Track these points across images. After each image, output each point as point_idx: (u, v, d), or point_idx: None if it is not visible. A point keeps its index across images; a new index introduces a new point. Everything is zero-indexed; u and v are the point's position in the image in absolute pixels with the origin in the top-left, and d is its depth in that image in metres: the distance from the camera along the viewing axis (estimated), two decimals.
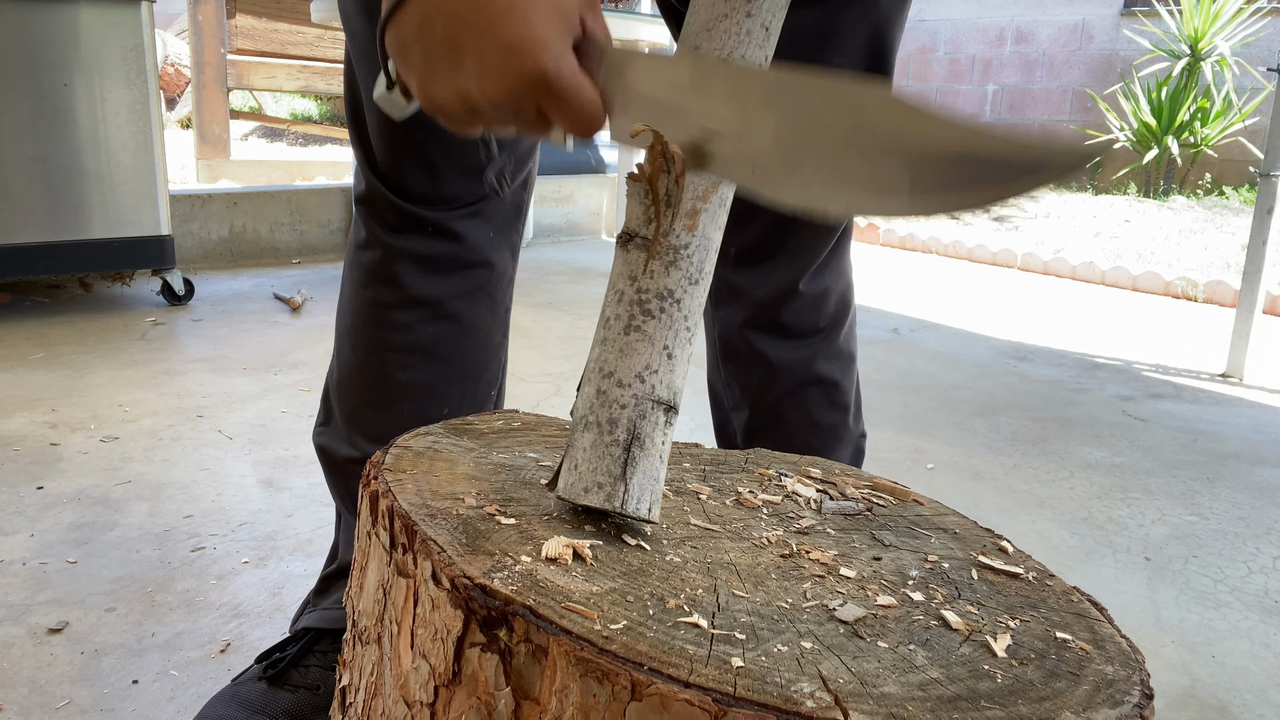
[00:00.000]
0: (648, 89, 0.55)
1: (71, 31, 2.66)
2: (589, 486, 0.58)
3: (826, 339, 1.08)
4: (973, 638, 0.52)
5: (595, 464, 0.58)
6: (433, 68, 0.57)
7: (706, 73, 0.53)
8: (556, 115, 0.55)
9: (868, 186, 0.46)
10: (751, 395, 1.09)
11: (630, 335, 0.58)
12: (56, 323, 2.75)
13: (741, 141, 0.51)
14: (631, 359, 0.58)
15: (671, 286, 0.58)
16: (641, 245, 0.58)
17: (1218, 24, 5.62)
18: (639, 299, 0.58)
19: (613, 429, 0.58)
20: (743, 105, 0.50)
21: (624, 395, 0.58)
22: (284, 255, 3.79)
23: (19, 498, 1.63)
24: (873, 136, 0.46)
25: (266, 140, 6.63)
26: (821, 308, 1.07)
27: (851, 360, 1.12)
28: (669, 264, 0.58)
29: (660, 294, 0.58)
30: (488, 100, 0.55)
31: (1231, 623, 1.42)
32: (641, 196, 0.58)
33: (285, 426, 2.01)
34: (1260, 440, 2.23)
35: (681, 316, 0.58)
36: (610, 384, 0.58)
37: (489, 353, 1.07)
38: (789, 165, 0.49)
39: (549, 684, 0.45)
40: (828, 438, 1.09)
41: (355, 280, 1.04)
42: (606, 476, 0.57)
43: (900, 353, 2.84)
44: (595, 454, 0.58)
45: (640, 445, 0.58)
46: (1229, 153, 5.80)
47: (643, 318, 0.58)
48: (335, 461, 1.06)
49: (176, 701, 1.12)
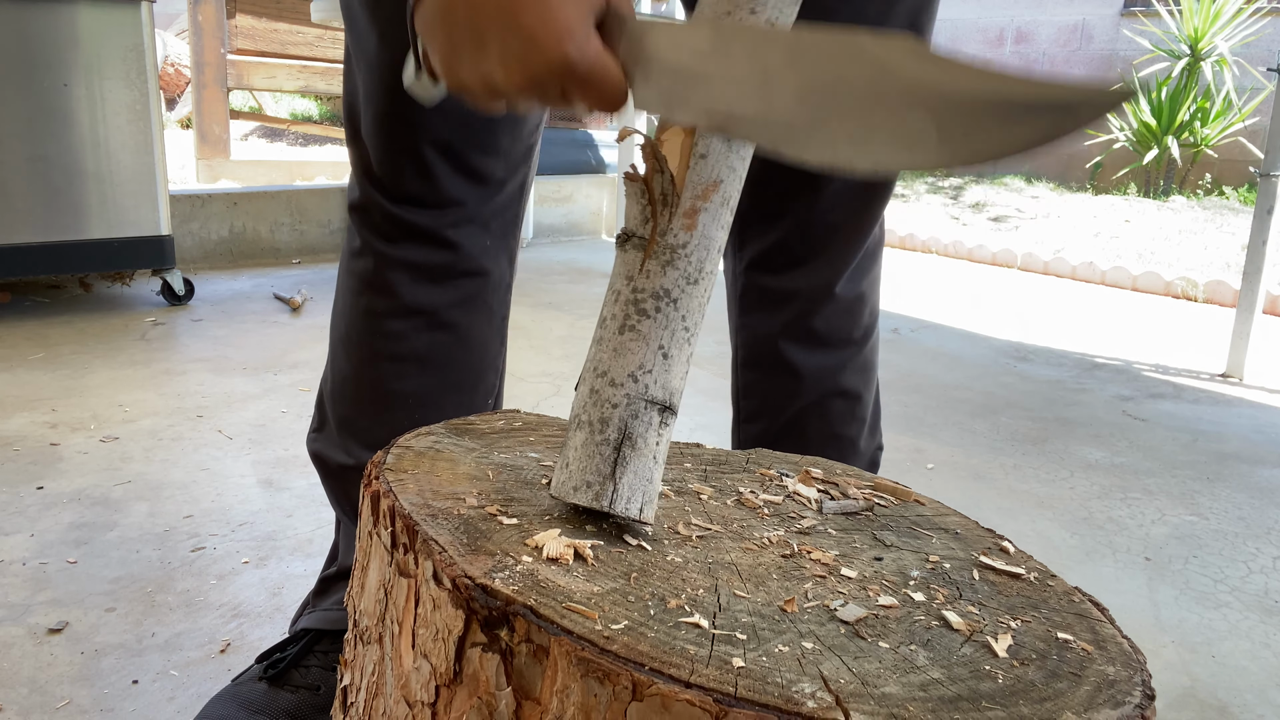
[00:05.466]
0: (668, 56, 0.54)
1: (71, 31, 2.66)
2: (578, 485, 0.57)
3: (857, 349, 1.06)
4: (974, 638, 0.52)
5: (585, 463, 0.57)
6: (456, 52, 0.57)
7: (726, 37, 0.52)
8: (580, 97, 0.55)
9: (894, 138, 0.46)
10: (773, 406, 1.07)
11: (625, 335, 0.58)
12: (56, 323, 2.75)
13: (765, 102, 0.50)
14: (625, 358, 0.57)
15: (668, 286, 0.57)
16: (639, 245, 0.58)
17: (1218, 24, 5.62)
18: (634, 298, 0.58)
19: (604, 428, 0.57)
20: (764, 66, 0.50)
21: (616, 395, 0.57)
22: (284, 255, 3.79)
23: (19, 498, 1.62)
24: (896, 87, 0.45)
25: (266, 140, 6.63)
26: (856, 316, 1.05)
27: (874, 373, 1.10)
28: (666, 263, 0.57)
29: (656, 293, 0.57)
30: (512, 85, 0.55)
31: (1231, 623, 1.42)
32: (638, 196, 0.58)
33: (285, 426, 2.00)
34: (1260, 440, 2.23)
35: (679, 316, 0.58)
36: (603, 383, 0.58)
37: (485, 362, 1.06)
38: (814, 123, 0.48)
39: (550, 684, 0.45)
40: (846, 450, 1.07)
41: (349, 288, 1.03)
42: (596, 475, 0.57)
43: (900, 353, 2.84)
44: (585, 453, 0.57)
45: (632, 445, 0.57)
46: (1229, 153, 5.80)
47: (638, 317, 0.57)
48: (330, 468, 1.06)
49: (176, 701, 1.12)
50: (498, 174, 0.98)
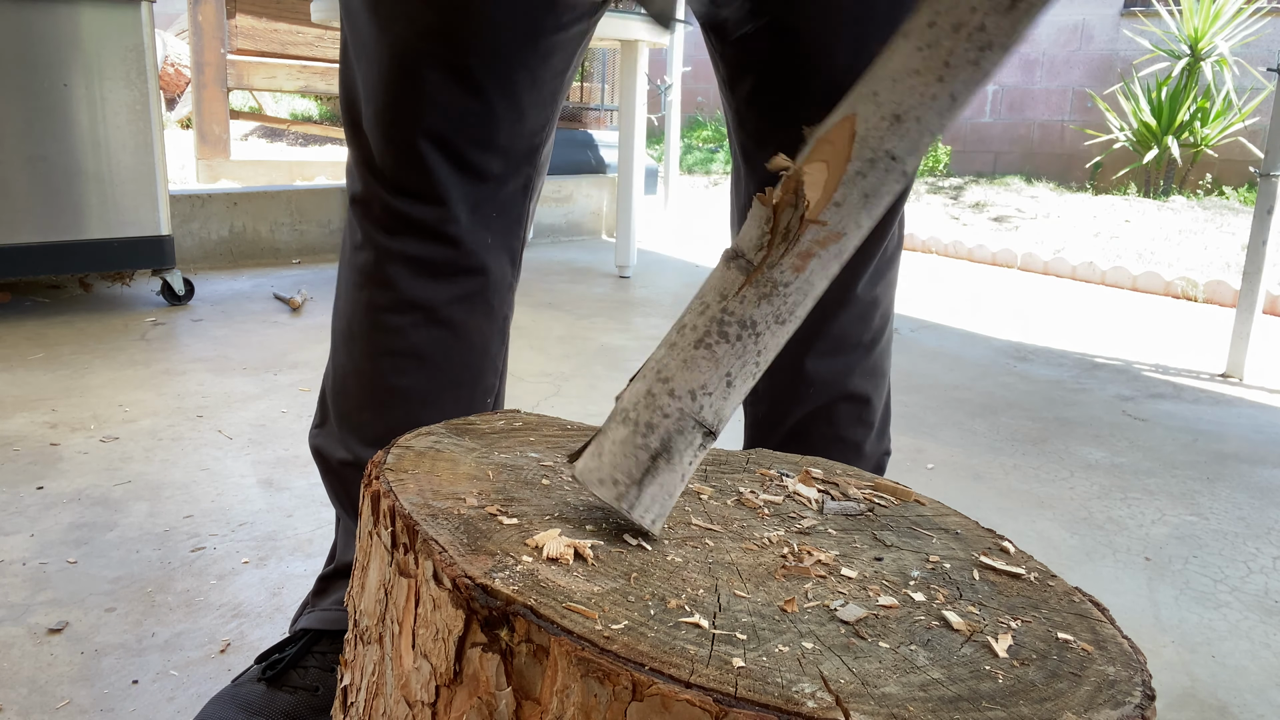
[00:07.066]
0: None
1: (71, 31, 2.66)
2: (605, 479, 0.57)
3: (867, 354, 1.06)
4: (974, 638, 0.52)
5: (619, 460, 0.57)
6: None
7: None
8: None
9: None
10: (781, 406, 1.07)
11: (699, 350, 0.57)
12: (56, 323, 2.75)
13: None
14: (691, 374, 0.57)
15: (757, 318, 0.56)
16: (744, 268, 0.57)
17: (1218, 24, 5.62)
18: (721, 319, 0.57)
19: (649, 433, 0.57)
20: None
21: (671, 406, 0.57)
22: (284, 255, 3.79)
23: (19, 498, 1.62)
24: None
25: (266, 140, 6.63)
26: (868, 319, 1.05)
27: (885, 377, 1.10)
28: (763, 296, 0.56)
29: (744, 321, 0.56)
30: None
31: (1231, 623, 1.42)
32: (762, 221, 0.57)
33: (285, 426, 2.00)
34: (1260, 440, 2.23)
35: (755, 350, 0.57)
36: (662, 390, 0.57)
37: (485, 361, 1.06)
38: None
39: (550, 684, 0.45)
40: (850, 454, 1.07)
41: (350, 282, 1.03)
42: (625, 476, 0.57)
43: (900, 353, 2.84)
44: (622, 450, 0.57)
45: (668, 459, 0.57)
46: (1229, 153, 5.80)
47: (718, 339, 0.57)
48: (330, 464, 1.06)
49: (176, 701, 1.12)
50: (496, 170, 0.98)
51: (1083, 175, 6.38)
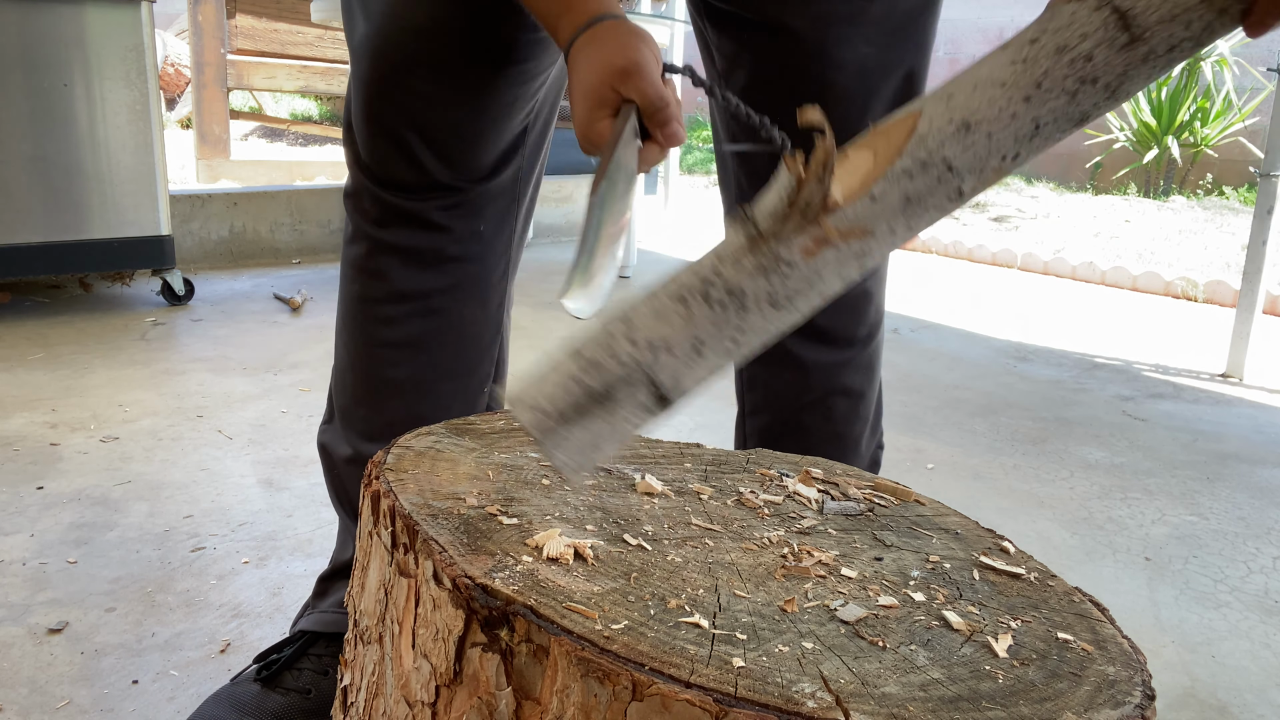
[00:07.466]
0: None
1: (71, 31, 2.66)
2: (533, 405, 0.52)
3: (861, 348, 1.07)
4: (974, 638, 0.52)
5: (552, 389, 0.52)
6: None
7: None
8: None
9: None
10: (778, 399, 1.07)
11: (675, 304, 0.51)
12: (56, 323, 2.75)
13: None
14: (659, 325, 0.51)
15: (748, 290, 0.51)
16: (751, 234, 0.51)
17: None
18: (708, 279, 0.51)
19: (590, 370, 0.51)
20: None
21: (625, 351, 0.51)
22: (284, 255, 3.78)
23: (19, 498, 1.62)
24: None
25: (266, 140, 6.63)
26: (861, 313, 1.05)
27: (877, 372, 1.11)
28: (761, 269, 0.50)
29: (731, 289, 0.51)
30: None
31: (1231, 623, 1.42)
32: (786, 186, 0.50)
33: (285, 426, 2.00)
34: (1260, 440, 2.23)
35: (736, 325, 0.51)
36: (621, 332, 0.52)
37: (479, 351, 1.07)
38: None
39: (550, 684, 0.45)
40: (848, 449, 1.08)
41: (345, 275, 1.05)
42: (552, 407, 0.51)
43: (900, 353, 2.84)
44: (558, 380, 0.52)
45: (605, 406, 0.51)
46: (1229, 153, 5.80)
47: (699, 300, 0.51)
48: (332, 459, 1.07)
49: (176, 701, 1.12)
50: (482, 160, 0.99)
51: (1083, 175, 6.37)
